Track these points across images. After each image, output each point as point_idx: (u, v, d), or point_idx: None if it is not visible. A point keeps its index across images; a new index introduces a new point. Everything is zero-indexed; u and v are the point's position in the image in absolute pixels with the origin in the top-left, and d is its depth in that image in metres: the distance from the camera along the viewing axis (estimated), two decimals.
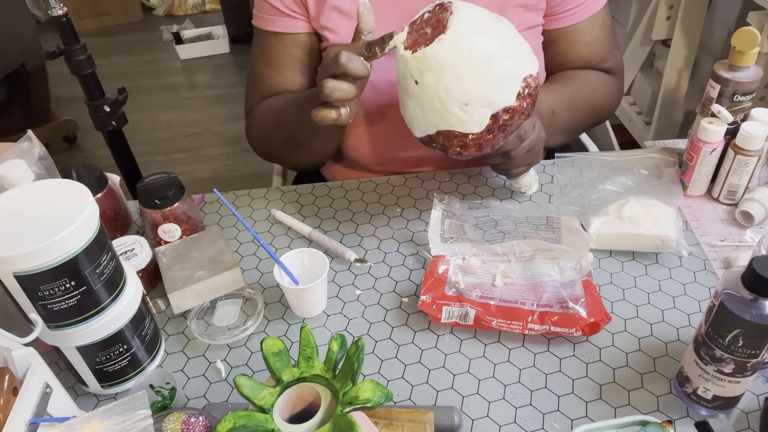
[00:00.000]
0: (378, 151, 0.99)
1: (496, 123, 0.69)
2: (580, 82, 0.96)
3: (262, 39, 0.97)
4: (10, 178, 0.78)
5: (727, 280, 0.56)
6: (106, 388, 0.69)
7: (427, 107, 0.70)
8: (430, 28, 0.69)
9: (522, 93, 0.69)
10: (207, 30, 3.55)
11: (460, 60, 0.66)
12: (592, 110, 0.99)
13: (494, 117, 0.69)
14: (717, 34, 1.89)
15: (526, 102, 0.70)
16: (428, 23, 0.70)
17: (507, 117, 0.69)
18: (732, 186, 0.86)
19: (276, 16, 0.93)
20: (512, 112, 0.69)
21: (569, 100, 0.93)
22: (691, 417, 0.64)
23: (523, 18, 0.91)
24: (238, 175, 2.49)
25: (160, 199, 0.82)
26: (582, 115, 0.97)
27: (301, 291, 0.74)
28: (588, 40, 0.96)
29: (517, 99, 0.69)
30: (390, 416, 0.61)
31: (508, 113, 0.69)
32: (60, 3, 1.43)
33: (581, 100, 0.95)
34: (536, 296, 0.73)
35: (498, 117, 0.69)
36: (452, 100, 0.68)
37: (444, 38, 0.66)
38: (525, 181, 0.89)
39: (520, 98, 0.69)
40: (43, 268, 0.57)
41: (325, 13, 0.91)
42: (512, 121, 0.70)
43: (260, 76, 0.99)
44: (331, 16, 0.91)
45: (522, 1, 0.90)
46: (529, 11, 0.91)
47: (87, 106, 1.60)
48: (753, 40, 0.80)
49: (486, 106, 0.68)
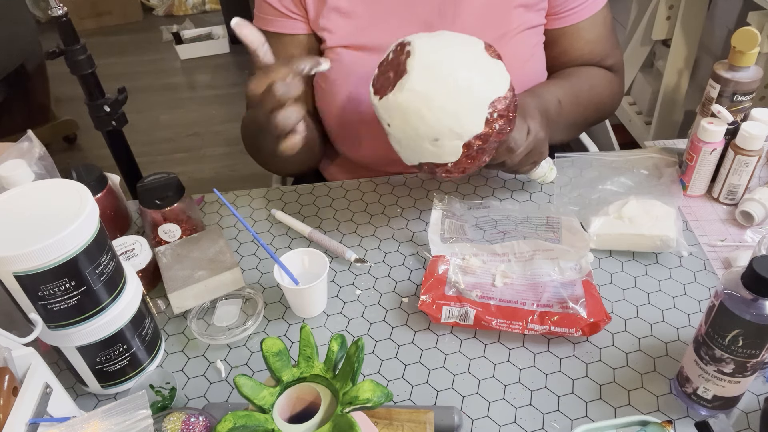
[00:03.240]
0: (379, 151, 0.99)
1: (471, 149, 0.72)
2: (583, 78, 0.96)
3: None
4: (10, 178, 0.78)
5: (727, 280, 0.56)
6: (106, 388, 0.69)
7: (403, 144, 0.74)
8: (392, 71, 0.72)
9: (491, 118, 0.70)
10: (207, 30, 3.55)
11: (420, 103, 0.69)
12: (597, 106, 0.99)
13: (467, 145, 0.71)
14: (717, 34, 1.89)
15: (498, 124, 0.71)
16: (391, 66, 0.73)
17: (480, 143, 0.71)
18: (732, 186, 0.86)
19: (275, 16, 0.93)
20: (484, 137, 0.71)
21: (574, 94, 0.93)
22: (691, 417, 0.64)
23: (525, 18, 0.91)
24: (238, 175, 2.49)
25: (160, 199, 0.82)
26: (587, 111, 0.97)
27: (301, 291, 0.74)
28: (590, 39, 0.96)
29: (485, 125, 0.70)
30: (390, 416, 0.61)
31: (479, 139, 0.71)
32: (60, 3, 1.43)
33: (585, 94, 0.95)
34: (536, 296, 0.73)
35: (471, 144, 0.71)
36: (422, 137, 0.71)
37: (402, 83, 0.70)
38: (538, 173, 0.89)
39: (489, 123, 0.71)
40: (43, 268, 0.57)
41: (324, 14, 0.91)
42: (488, 144, 0.72)
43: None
44: (330, 17, 0.91)
45: (523, 1, 0.90)
46: (531, 11, 0.91)
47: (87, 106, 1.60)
48: (753, 40, 0.80)
49: (455, 139, 0.71)
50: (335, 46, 0.92)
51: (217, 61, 3.39)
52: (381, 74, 0.74)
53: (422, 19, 0.90)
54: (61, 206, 0.60)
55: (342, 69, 0.91)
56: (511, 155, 0.78)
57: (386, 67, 0.73)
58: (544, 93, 0.87)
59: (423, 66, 0.69)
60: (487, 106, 0.70)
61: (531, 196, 0.93)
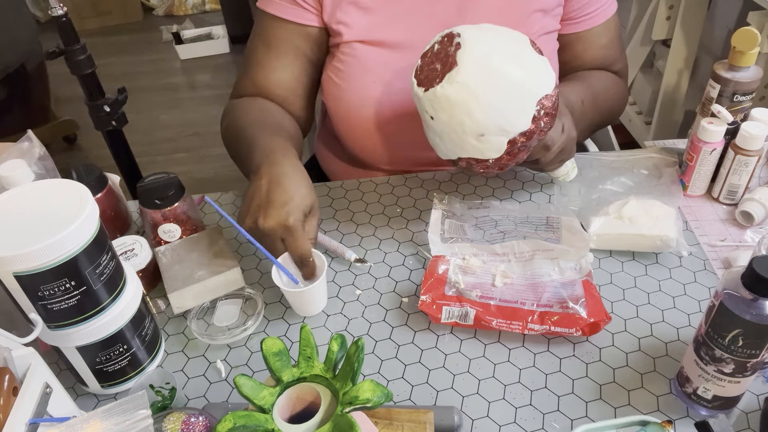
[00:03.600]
0: (392, 150, 0.98)
1: (515, 146, 0.71)
2: (597, 81, 0.97)
3: (265, 23, 0.94)
4: (10, 178, 0.78)
5: (727, 280, 0.56)
6: (106, 388, 0.69)
7: (445, 138, 0.73)
8: (440, 63, 0.71)
9: (537, 115, 0.70)
10: (207, 30, 3.55)
11: (470, 97, 0.68)
12: (609, 109, 1.00)
13: (511, 142, 0.70)
14: (717, 34, 1.89)
15: (543, 121, 0.70)
16: (437, 57, 0.71)
17: (524, 139, 0.70)
18: (732, 186, 0.86)
19: (287, 3, 0.91)
20: (529, 134, 0.70)
21: (593, 96, 0.93)
22: (691, 417, 0.64)
23: (542, 23, 0.91)
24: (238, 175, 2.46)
25: (160, 199, 0.82)
26: (602, 113, 0.98)
27: (300, 291, 0.74)
28: (603, 43, 0.97)
29: (532, 122, 0.70)
30: (390, 416, 0.61)
31: (524, 136, 0.70)
32: (60, 3, 1.43)
33: (602, 97, 0.96)
34: (536, 296, 0.73)
35: (516, 141, 0.70)
36: (467, 133, 0.70)
37: (452, 76, 0.68)
38: (561, 171, 0.89)
39: (536, 120, 0.70)
40: (43, 268, 0.57)
41: (342, 7, 0.90)
42: (531, 141, 0.71)
43: (257, 61, 0.96)
44: (348, 11, 0.90)
45: (541, 5, 0.90)
46: (547, 15, 0.91)
47: (87, 106, 1.60)
48: (753, 40, 0.80)
49: (501, 135, 0.70)
50: (352, 41, 0.91)
51: (217, 61, 3.39)
52: (426, 65, 0.72)
53: (441, 18, 0.90)
54: (61, 206, 0.59)
55: (357, 64, 0.91)
56: (546, 153, 0.78)
57: (432, 58, 0.72)
58: (569, 93, 0.87)
59: (474, 59, 0.68)
60: (536, 103, 0.69)
61: (531, 196, 0.93)
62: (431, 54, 0.72)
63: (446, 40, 0.71)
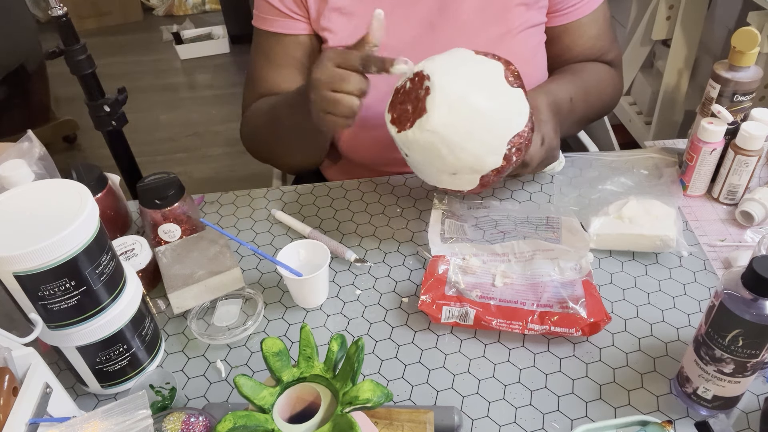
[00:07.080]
0: (379, 151, 0.98)
1: (488, 179, 0.73)
2: (589, 73, 0.97)
3: (262, 39, 0.97)
4: (10, 178, 0.78)
5: (727, 280, 0.56)
6: (106, 388, 0.69)
7: (421, 171, 0.77)
8: (410, 105, 0.72)
9: (509, 153, 0.71)
10: (207, 30, 3.55)
11: (440, 144, 0.70)
12: (602, 102, 0.99)
13: (484, 176, 0.73)
14: (717, 34, 1.89)
15: (516, 156, 0.72)
16: (408, 97, 0.73)
17: (495, 174, 0.73)
18: (732, 186, 0.86)
19: (277, 17, 0.93)
20: (501, 169, 0.72)
21: (584, 91, 0.93)
22: (691, 417, 0.64)
23: (526, 17, 0.91)
24: (238, 175, 2.49)
25: (160, 199, 0.82)
26: (594, 107, 0.98)
27: (302, 281, 0.75)
28: (592, 34, 0.96)
29: (504, 159, 0.71)
30: (390, 416, 0.61)
31: (496, 171, 0.72)
32: (60, 3, 1.42)
33: (593, 90, 0.96)
34: (536, 296, 0.73)
35: (488, 176, 0.73)
36: (440, 171, 0.73)
37: (422, 124, 0.70)
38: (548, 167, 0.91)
39: (507, 158, 0.71)
40: (43, 268, 0.57)
41: (325, 14, 0.91)
42: (503, 172, 0.73)
43: (259, 76, 0.98)
44: (331, 18, 0.91)
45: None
46: (531, 9, 0.91)
47: (87, 106, 1.60)
48: (753, 40, 0.80)
49: (473, 173, 0.72)
50: (337, 47, 0.91)
51: (217, 61, 3.39)
52: (398, 103, 0.74)
53: (423, 18, 0.90)
54: (61, 206, 0.60)
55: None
56: (526, 169, 0.80)
57: (403, 96, 0.73)
58: (557, 91, 0.87)
59: (443, 105, 0.69)
60: (507, 143, 0.71)
61: (531, 196, 0.93)
62: (403, 91, 0.74)
63: (417, 80, 0.72)
